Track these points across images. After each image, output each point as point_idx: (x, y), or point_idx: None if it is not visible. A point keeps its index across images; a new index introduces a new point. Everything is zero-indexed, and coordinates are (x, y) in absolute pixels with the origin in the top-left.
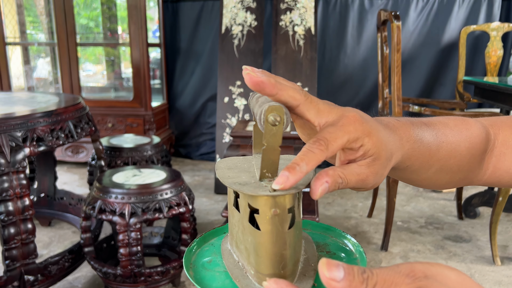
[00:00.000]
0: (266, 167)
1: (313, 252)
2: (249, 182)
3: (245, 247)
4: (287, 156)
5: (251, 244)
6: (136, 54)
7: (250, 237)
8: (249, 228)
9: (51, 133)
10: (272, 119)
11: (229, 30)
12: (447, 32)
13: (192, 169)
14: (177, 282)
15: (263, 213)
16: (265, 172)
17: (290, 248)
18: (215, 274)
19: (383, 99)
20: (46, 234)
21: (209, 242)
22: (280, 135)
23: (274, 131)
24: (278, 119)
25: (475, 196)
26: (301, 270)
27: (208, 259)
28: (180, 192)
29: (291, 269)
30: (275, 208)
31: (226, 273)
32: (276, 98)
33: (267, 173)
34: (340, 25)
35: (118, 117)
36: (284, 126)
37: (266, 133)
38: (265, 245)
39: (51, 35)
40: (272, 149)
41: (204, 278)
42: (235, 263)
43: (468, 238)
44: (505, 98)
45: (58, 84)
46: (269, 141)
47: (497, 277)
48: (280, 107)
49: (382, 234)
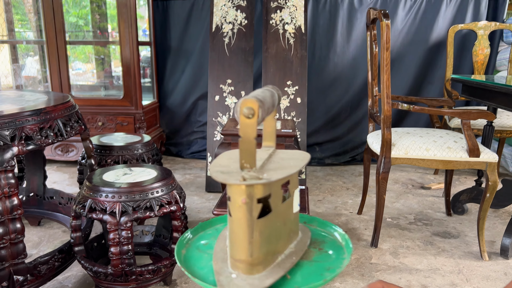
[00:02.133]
0: (244, 157)
1: (302, 247)
2: (232, 171)
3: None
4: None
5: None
6: (126, 52)
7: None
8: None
9: (40, 131)
10: (246, 111)
11: (219, 28)
12: (435, 31)
13: (183, 167)
14: (168, 280)
15: (233, 201)
16: (243, 163)
17: (261, 237)
18: (204, 255)
19: (372, 97)
20: (35, 233)
21: (214, 227)
22: (254, 127)
23: (248, 123)
24: (252, 112)
25: (463, 192)
26: (279, 262)
27: (205, 242)
28: (171, 190)
29: (261, 258)
30: (244, 197)
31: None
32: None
33: (245, 164)
34: (330, 23)
35: (108, 116)
36: (258, 119)
37: (241, 126)
38: (235, 231)
39: (40, 33)
40: (248, 141)
41: (191, 258)
42: (223, 247)
43: (456, 234)
44: (493, 95)
45: (47, 82)
46: (244, 133)
47: (485, 272)
48: (253, 100)
49: (372, 230)
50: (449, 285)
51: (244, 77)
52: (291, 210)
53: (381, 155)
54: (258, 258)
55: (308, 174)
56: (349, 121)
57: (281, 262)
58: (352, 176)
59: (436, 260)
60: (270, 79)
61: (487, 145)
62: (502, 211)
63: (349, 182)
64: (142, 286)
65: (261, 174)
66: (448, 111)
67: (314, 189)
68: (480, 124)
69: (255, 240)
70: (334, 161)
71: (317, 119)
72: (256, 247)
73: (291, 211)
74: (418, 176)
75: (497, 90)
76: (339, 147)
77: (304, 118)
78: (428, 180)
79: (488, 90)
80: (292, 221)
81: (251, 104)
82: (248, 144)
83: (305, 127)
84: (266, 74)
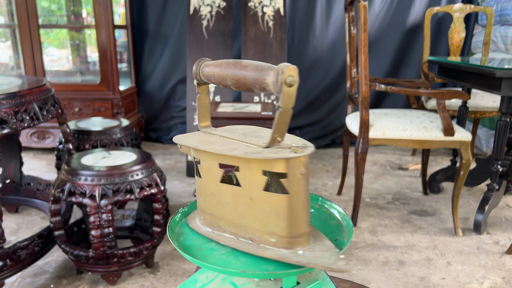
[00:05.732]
0: (278, 131)
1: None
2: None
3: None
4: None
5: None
6: (102, 36)
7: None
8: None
9: (15, 115)
10: (290, 79)
11: (197, 11)
12: (411, 14)
13: (163, 153)
14: (150, 263)
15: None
16: (276, 137)
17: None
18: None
19: (351, 79)
20: (13, 220)
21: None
22: (294, 96)
23: (291, 92)
24: (294, 79)
25: (439, 172)
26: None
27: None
28: (151, 173)
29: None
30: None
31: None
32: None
33: (278, 138)
34: (309, 6)
35: (85, 101)
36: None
37: (284, 95)
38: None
39: (11, 17)
40: (287, 112)
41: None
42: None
43: (432, 212)
44: (467, 76)
45: (20, 69)
46: (285, 103)
47: (459, 247)
48: (295, 67)
49: (351, 210)
50: (425, 260)
51: None
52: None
53: (359, 135)
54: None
55: None
56: (329, 104)
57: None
58: (332, 158)
59: (413, 237)
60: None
61: (462, 125)
62: (476, 189)
63: (329, 165)
64: (124, 268)
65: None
66: (424, 91)
67: None
68: (456, 105)
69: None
70: (314, 144)
71: (297, 103)
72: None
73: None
74: (396, 158)
75: (470, 71)
76: (319, 130)
77: None
78: (406, 161)
79: (462, 71)
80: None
81: (294, 72)
82: (287, 115)
83: None
84: (245, 57)
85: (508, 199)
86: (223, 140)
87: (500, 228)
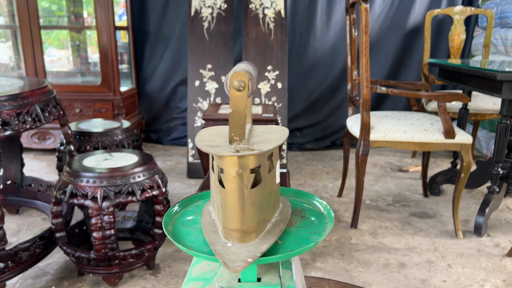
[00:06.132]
0: (234, 130)
1: (286, 215)
2: (220, 145)
3: (216, 205)
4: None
5: (219, 202)
6: (103, 37)
7: (219, 196)
8: (218, 187)
9: (17, 117)
10: (236, 84)
11: (198, 12)
12: (412, 16)
13: (163, 154)
14: (151, 264)
15: (227, 173)
16: (233, 136)
17: (253, 206)
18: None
19: (352, 81)
20: (14, 222)
21: (194, 204)
22: (244, 100)
23: (239, 96)
24: (242, 85)
25: (439, 174)
26: (269, 229)
27: (190, 218)
28: (152, 175)
29: (254, 226)
30: (238, 168)
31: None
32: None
33: (235, 137)
34: (310, 8)
35: (86, 102)
36: (248, 92)
37: (232, 98)
38: (229, 202)
39: (12, 18)
40: (238, 114)
41: (180, 233)
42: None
43: (433, 214)
44: (467, 79)
45: (20, 69)
46: (235, 106)
47: (460, 250)
48: (244, 73)
49: (352, 212)
50: (426, 262)
51: (225, 62)
52: (275, 180)
53: (360, 138)
54: (251, 227)
55: (289, 159)
56: (329, 106)
57: (271, 229)
58: (332, 160)
59: (413, 239)
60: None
61: (463, 128)
62: (476, 192)
63: (329, 166)
64: (125, 270)
65: (251, 146)
66: (424, 94)
67: (295, 173)
68: (456, 107)
69: (248, 209)
70: (314, 146)
71: (298, 104)
72: (249, 216)
73: (275, 181)
74: (396, 160)
75: (471, 73)
76: (319, 132)
77: (285, 103)
78: (406, 163)
79: (463, 73)
80: (275, 192)
81: (242, 76)
82: (238, 117)
83: (285, 112)
84: (246, 59)
85: (509, 202)
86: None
87: (501, 230)
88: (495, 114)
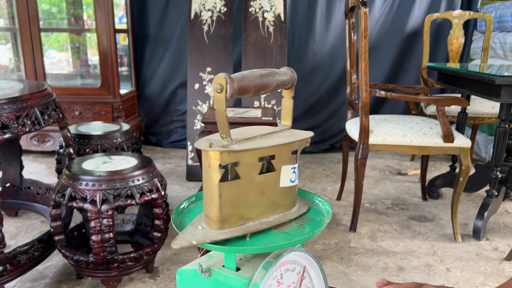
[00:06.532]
0: (220, 128)
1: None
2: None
3: None
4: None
5: None
6: (103, 40)
7: None
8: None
9: (16, 120)
10: (216, 86)
11: (198, 15)
12: (411, 20)
13: (163, 157)
14: (150, 268)
15: (204, 164)
16: (221, 133)
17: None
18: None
19: (351, 85)
20: (13, 224)
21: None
22: (223, 100)
23: (219, 97)
24: (220, 87)
25: (438, 177)
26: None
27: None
28: (152, 178)
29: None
30: (208, 162)
31: None
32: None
33: (222, 134)
34: (309, 12)
35: (86, 105)
36: (227, 94)
37: (214, 99)
38: (204, 190)
39: (12, 20)
40: (220, 113)
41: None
42: None
43: (432, 218)
44: (466, 83)
45: (20, 71)
46: (216, 106)
47: (458, 253)
48: (221, 77)
49: (351, 215)
50: (424, 266)
51: (224, 65)
52: (276, 183)
53: (359, 141)
54: (219, 217)
55: None
56: (328, 109)
57: (248, 227)
58: (331, 163)
59: (412, 242)
60: (250, 67)
61: (461, 131)
62: (475, 195)
63: (328, 169)
64: (124, 273)
65: (232, 144)
66: (423, 98)
67: None
68: (455, 111)
69: (215, 200)
70: (313, 149)
71: (297, 107)
72: (216, 206)
73: (275, 184)
74: (395, 163)
75: (470, 77)
76: (319, 135)
77: None
78: (405, 167)
79: (462, 77)
80: (277, 194)
81: (220, 80)
82: (220, 116)
83: None
84: (246, 62)
85: (507, 205)
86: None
87: (499, 234)
88: (493, 118)
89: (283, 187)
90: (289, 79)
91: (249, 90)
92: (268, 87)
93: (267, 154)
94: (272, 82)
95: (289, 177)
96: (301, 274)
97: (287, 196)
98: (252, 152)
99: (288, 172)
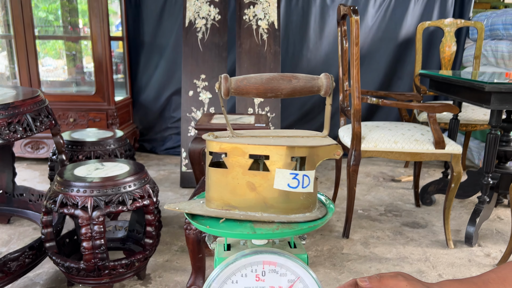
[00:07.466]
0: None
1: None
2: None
3: None
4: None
5: None
6: (98, 47)
7: None
8: None
9: (8, 126)
10: (216, 86)
11: (192, 23)
12: (404, 28)
13: (157, 163)
14: (142, 275)
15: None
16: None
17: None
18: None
19: (343, 92)
20: (5, 231)
21: None
22: (220, 98)
23: (220, 95)
24: (217, 86)
25: (431, 184)
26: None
27: None
28: (143, 184)
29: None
30: (206, 148)
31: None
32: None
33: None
34: (303, 20)
35: (80, 112)
36: (221, 92)
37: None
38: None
39: (7, 27)
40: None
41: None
42: None
43: (424, 224)
44: (458, 90)
45: (15, 79)
46: (221, 102)
47: (450, 259)
48: (219, 77)
49: (344, 222)
50: (417, 272)
51: (218, 72)
52: (269, 183)
53: (352, 148)
54: (208, 196)
55: None
56: (322, 116)
57: (230, 213)
58: (325, 170)
59: (405, 249)
60: (244, 74)
61: (453, 138)
62: (468, 201)
63: (322, 176)
64: (115, 280)
65: (230, 138)
66: (414, 104)
67: None
68: (447, 118)
69: (207, 181)
70: None
71: (291, 114)
72: (208, 187)
73: (268, 184)
74: (388, 170)
75: (461, 84)
76: None
77: (278, 113)
78: (398, 173)
79: (453, 84)
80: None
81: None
82: (223, 111)
83: (279, 122)
84: (240, 69)
85: (499, 211)
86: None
87: (492, 240)
88: (485, 124)
89: (278, 189)
90: (321, 85)
91: (249, 91)
92: (279, 91)
93: (257, 152)
94: (284, 87)
95: (286, 181)
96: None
97: (284, 199)
98: (240, 147)
99: (285, 176)
